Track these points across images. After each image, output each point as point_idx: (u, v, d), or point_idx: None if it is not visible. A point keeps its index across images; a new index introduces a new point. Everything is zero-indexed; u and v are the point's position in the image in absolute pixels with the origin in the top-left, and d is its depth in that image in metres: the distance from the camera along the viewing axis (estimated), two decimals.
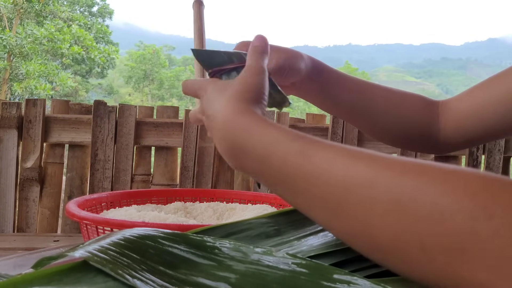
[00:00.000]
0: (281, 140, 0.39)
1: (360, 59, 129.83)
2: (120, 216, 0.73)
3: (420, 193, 0.30)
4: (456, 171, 0.30)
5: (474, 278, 0.27)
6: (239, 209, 0.82)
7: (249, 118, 0.42)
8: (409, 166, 0.32)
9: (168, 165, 1.26)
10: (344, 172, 0.33)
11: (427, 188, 0.30)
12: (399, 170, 0.31)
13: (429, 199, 0.29)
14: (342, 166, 0.34)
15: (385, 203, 0.31)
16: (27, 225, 1.17)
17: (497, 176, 0.29)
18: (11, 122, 1.16)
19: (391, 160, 0.33)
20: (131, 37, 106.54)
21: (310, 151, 0.36)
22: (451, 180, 0.29)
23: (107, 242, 0.34)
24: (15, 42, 11.14)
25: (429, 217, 0.29)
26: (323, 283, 0.31)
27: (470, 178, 0.29)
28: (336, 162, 0.34)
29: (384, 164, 0.33)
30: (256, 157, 0.40)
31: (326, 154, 0.35)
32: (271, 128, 0.40)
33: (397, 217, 0.30)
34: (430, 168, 0.31)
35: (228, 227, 0.45)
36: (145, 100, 23.00)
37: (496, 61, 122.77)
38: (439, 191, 0.29)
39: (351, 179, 0.33)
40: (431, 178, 0.30)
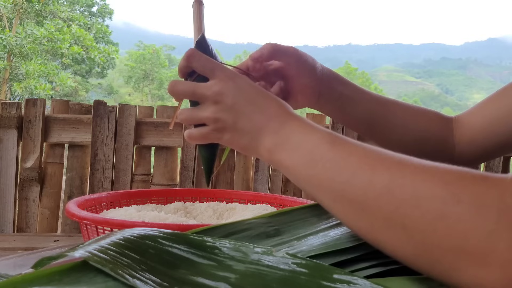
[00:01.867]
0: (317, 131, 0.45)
1: (360, 59, 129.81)
2: (120, 216, 0.73)
3: (405, 181, 0.35)
4: (437, 165, 0.35)
5: (444, 257, 0.31)
6: (239, 209, 0.82)
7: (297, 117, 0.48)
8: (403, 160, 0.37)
9: (168, 165, 1.26)
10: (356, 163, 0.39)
11: (411, 177, 0.35)
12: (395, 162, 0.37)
13: (410, 186, 0.34)
14: (356, 157, 0.40)
15: (379, 188, 0.36)
16: (27, 225, 1.17)
17: (471, 171, 0.33)
18: (11, 122, 1.16)
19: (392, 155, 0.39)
20: (131, 37, 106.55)
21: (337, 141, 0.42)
22: (430, 171, 0.35)
23: (107, 242, 0.34)
24: (15, 42, 11.14)
25: (410, 201, 0.34)
26: (323, 283, 0.31)
27: (447, 171, 0.34)
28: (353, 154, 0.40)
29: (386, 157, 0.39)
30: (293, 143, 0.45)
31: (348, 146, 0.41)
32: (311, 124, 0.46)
33: (386, 201, 0.35)
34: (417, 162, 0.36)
35: (228, 227, 0.45)
36: (145, 100, 23.00)
37: (496, 61, 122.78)
38: (419, 179, 0.34)
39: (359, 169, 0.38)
40: (416, 169, 0.35)
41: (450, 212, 0.31)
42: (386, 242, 0.36)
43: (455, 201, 0.31)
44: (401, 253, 0.35)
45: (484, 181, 0.32)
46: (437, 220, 0.32)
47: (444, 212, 0.31)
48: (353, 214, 0.38)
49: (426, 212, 0.32)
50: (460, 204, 0.31)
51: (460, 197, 0.31)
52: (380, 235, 0.36)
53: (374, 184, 0.37)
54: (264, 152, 0.48)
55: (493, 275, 0.29)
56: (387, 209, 0.35)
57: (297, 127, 0.46)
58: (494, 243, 0.29)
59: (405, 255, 0.35)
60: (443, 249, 0.31)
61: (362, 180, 0.38)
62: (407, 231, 0.34)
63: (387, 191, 0.35)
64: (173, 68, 25.91)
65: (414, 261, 0.34)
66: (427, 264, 0.33)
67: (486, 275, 0.29)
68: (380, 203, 0.36)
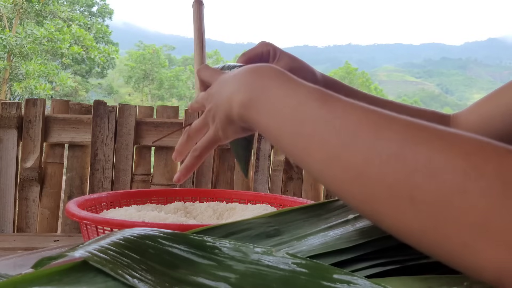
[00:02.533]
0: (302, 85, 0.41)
1: (360, 59, 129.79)
2: (120, 216, 0.73)
3: (418, 147, 0.31)
4: (455, 132, 0.31)
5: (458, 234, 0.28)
6: (239, 209, 0.82)
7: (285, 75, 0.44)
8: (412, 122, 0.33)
9: (168, 165, 1.26)
10: (357, 121, 0.35)
11: (425, 143, 0.31)
12: (404, 125, 0.33)
13: (425, 154, 0.30)
14: (355, 116, 0.35)
15: (384, 152, 0.32)
16: (27, 225, 1.17)
17: (493, 142, 0.30)
18: (11, 122, 1.16)
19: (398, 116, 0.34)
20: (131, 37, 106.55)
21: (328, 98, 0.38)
22: (448, 139, 0.31)
23: (107, 242, 0.34)
24: (15, 42, 11.14)
25: (423, 171, 0.30)
26: (323, 283, 0.31)
27: (467, 139, 0.30)
28: (350, 112, 0.36)
29: (391, 119, 0.34)
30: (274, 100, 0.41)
31: (342, 104, 0.37)
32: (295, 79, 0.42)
33: (394, 168, 0.31)
34: (432, 127, 0.32)
35: (228, 227, 0.45)
36: (145, 100, 23.01)
37: (496, 61, 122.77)
38: (436, 147, 0.30)
39: (359, 129, 0.34)
40: (431, 134, 0.31)
41: (471, 186, 0.28)
42: (387, 214, 0.32)
43: (478, 174, 0.28)
44: (404, 228, 0.31)
45: (509, 153, 0.29)
46: (455, 193, 0.28)
47: (465, 185, 0.28)
48: (348, 181, 0.34)
49: (443, 184, 0.29)
50: (483, 177, 0.28)
51: (483, 170, 0.28)
52: (380, 206, 0.32)
53: (380, 149, 0.32)
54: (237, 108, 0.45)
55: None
56: (394, 178, 0.31)
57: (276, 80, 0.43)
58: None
59: (408, 230, 0.31)
60: (459, 225, 0.28)
61: (364, 143, 0.33)
62: (415, 204, 0.30)
63: (396, 157, 0.31)
64: (173, 68, 25.92)
65: (419, 238, 0.31)
66: (435, 241, 0.30)
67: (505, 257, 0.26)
68: (385, 170, 0.32)
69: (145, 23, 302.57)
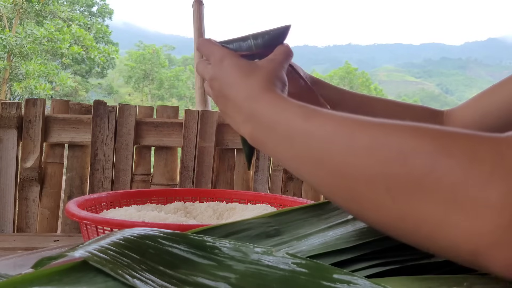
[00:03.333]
0: (289, 107, 0.44)
1: (360, 58, 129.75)
2: (120, 216, 0.73)
3: (389, 139, 0.33)
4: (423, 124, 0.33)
5: (432, 213, 0.29)
6: (239, 209, 0.82)
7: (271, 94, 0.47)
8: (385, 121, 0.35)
9: (168, 165, 1.26)
10: (333, 128, 0.38)
11: (395, 134, 0.33)
12: (376, 124, 0.35)
13: (396, 143, 0.32)
14: (332, 124, 0.38)
15: (360, 150, 0.34)
16: (27, 225, 1.17)
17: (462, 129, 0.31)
18: (11, 122, 1.16)
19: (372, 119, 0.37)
20: (131, 37, 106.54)
21: (311, 113, 0.41)
22: (416, 128, 0.33)
23: (107, 242, 0.34)
24: (14, 42, 11.14)
25: (395, 159, 0.32)
26: (323, 283, 0.31)
27: (436, 128, 0.32)
28: (329, 121, 0.39)
29: (365, 121, 0.37)
30: (267, 124, 0.45)
31: (322, 116, 0.40)
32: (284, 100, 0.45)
33: (369, 162, 0.33)
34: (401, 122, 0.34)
35: (228, 227, 0.45)
36: (145, 100, 23.00)
37: (496, 60, 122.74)
38: (405, 136, 0.32)
39: (336, 134, 0.37)
40: (400, 128, 0.33)
41: (439, 165, 0.29)
42: (369, 209, 0.34)
43: (446, 154, 0.29)
44: (386, 218, 0.33)
45: (476, 135, 0.30)
46: (425, 175, 0.30)
47: (433, 166, 0.30)
48: (333, 183, 0.37)
49: (413, 169, 0.30)
50: (451, 157, 0.29)
51: (451, 150, 0.29)
52: (362, 202, 0.34)
53: (353, 147, 0.35)
54: (249, 136, 0.49)
55: (486, 226, 0.27)
56: (369, 172, 0.33)
57: (269, 106, 0.45)
58: (488, 194, 0.27)
59: (389, 220, 0.33)
60: (431, 205, 0.29)
61: (340, 145, 0.36)
62: (391, 193, 0.32)
63: (368, 153, 0.34)
64: (173, 68, 25.92)
65: (399, 226, 0.32)
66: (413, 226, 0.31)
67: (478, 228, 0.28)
68: (361, 166, 0.34)
69: (145, 23, 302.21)
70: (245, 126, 0.48)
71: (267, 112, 0.45)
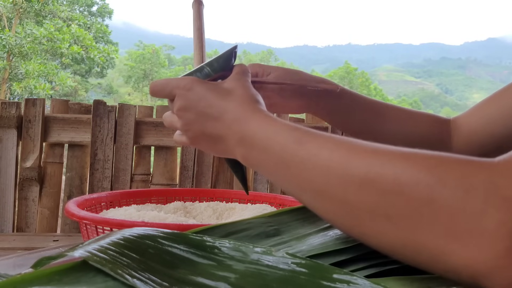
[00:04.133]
0: (282, 130, 0.43)
1: (359, 58, 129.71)
2: (120, 215, 0.73)
3: (385, 169, 0.34)
4: (417, 151, 0.34)
5: (431, 241, 0.31)
6: (239, 209, 0.82)
7: (260, 114, 0.46)
8: (380, 148, 0.36)
9: (168, 165, 1.26)
10: (328, 157, 0.38)
11: (391, 164, 0.34)
12: (370, 152, 0.36)
13: (392, 175, 0.33)
14: (327, 152, 0.38)
15: (357, 180, 0.35)
16: (26, 224, 1.17)
17: (455, 155, 0.32)
18: (11, 122, 1.16)
19: (366, 144, 0.37)
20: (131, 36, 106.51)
21: (303, 139, 0.41)
22: (411, 158, 0.33)
23: (107, 242, 0.34)
24: (14, 41, 11.14)
25: (392, 190, 0.33)
26: (323, 283, 0.31)
27: (430, 155, 0.33)
28: (323, 149, 0.39)
29: (360, 147, 0.37)
30: (261, 146, 0.44)
31: (316, 143, 0.40)
32: (277, 121, 0.45)
33: (367, 193, 0.34)
34: (395, 149, 0.35)
35: (227, 226, 0.45)
36: (145, 99, 22.99)
37: (496, 60, 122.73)
38: (401, 166, 0.33)
39: (332, 163, 0.37)
40: (394, 156, 0.34)
41: (436, 196, 0.30)
42: (372, 235, 0.35)
43: (441, 185, 0.31)
44: (388, 244, 0.34)
45: (469, 163, 0.31)
46: (423, 206, 0.31)
47: (430, 197, 0.31)
48: (335, 211, 0.37)
49: (411, 199, 0.32)
50: (446, 187, 0.30)
51: (445, 180, 0.31)
52: (365, 229, 0.35)
53: (351, 177, 0.35)
54: (242, 159, 0.48)
55: (483, 254, 0.29)
56: (369, 201, 0.34)
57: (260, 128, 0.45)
58: (483, 223, 0.29)
59: (391, 246, 0.34)
60: (431, 234, 0.31)
61: (337, 175, 0.36)
62: (392, 221, 0.32)
63: (366, 182, 0.34)
64: (172, 68, 25.91)
65: (401, 251, 0.33)
66: (414, 252, 0.32)
67: (475, 255, 0.29)
68: (361, 196, 0.34)
69: (145, 22, 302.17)
70: (237, 150, 0.47)
71: (259, 135, 0.44)
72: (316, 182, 0.38)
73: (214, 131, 0.49)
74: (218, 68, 0.54)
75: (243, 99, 0.48)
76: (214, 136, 0.49)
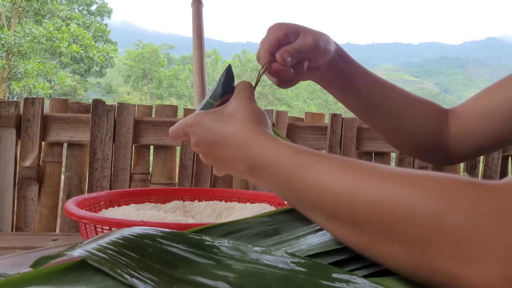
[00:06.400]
0: (284, 155, 0.44)
1: (359, 58, 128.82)
2: (119, 215, 0.73)
3: (394, 195, 0.34)
4: (424, 175, 0.35)
5: (444, 266, 0.31)
6: (238, 208, 0.82)
7: (263, 138, 0.47)
8: (386, 172, 0.36)
9: (167, 164, 1.26)
10: (334, 181, 0.38)
11: (400, 191, 0.34)
12: (377, 176, 0.36)
13: (401, 201, 0.34)
14: (333, 176, 0.39)
15: (367, 206, 0.35)
16: (25, 224, 1.17)
17: (463, 178, 0.33)
18: (10, 121, 1.15)
19: (372, 168, 0.38)
20: (130, 36, 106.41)
21: (308, 163, 0.41)
22: (420, 183, 0.34)
23: (106, 241, 0.34)
24: (13, 40, 11.12)
25: (402, 216, 0.33)
26: (322, 282, 0.31)
27: (438, 180, 0.33)
28: (328, 173, 0.39)
29: (366, 171, 0.37)
30: (268, 172, 0.45)
31: (321, 166, 0.40)
32: (279, 145, 0.45)
33: (378, 218, 0.35)
34: (403, 173, 0.36)
35: (227, 226, 0.45)
36: (144, 99, 22.97)
37: (495, 60, 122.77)
38: (410, 192, 0.34)
39: (339, 188, 0.38)
40: (403, 182, 0.35)
41: (446, 222, 0.31)
42: (385, 257, 0.36)
43: (450, 211, 0.31)
44: (402, 266, 0.35)
45: (477, 188, 0.32)
46: (433, 232, 0.32)
47: (440, 223, 0.31)
48: (346, 233, 0.38)
49: (422, 226, 0.32)
50: (456, 213, 0.31)
51: (454, 206, 0.31)
52: (377, 251, 0.36)
53: (360, 203, 0.36)
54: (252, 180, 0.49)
55: (494, 277, 0.29)
56: (381, 227, 0.35)
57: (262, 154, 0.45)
58: (493, 247, 0.29)
59: (405, 268, 0.35)
60: (442, 259, 0.31)
61: (346, 200, 0.37)
62: (404, 246, 0.33)
63: (377, 208, 0.35)
64: (172, 67, 25.89)
65: (415, 273, 0.34)
66: (428, 275, 0.33)
67: (486, 279, 0.30)
68: (372, 221, 0.35)
69: (144, 22, 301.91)
70: (247, 176, 0.49)
71: (264, 162, 0.45)
72: (325, 206, 0.39)
73: (224, 158, 0.51)
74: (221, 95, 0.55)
75: (244, 122, 0.49)
76: (226, 162, 0.51)
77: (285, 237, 0.44)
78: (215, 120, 0.51)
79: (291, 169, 0.42)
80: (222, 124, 0.50)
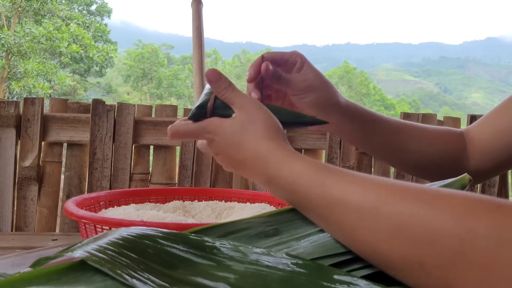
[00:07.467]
0: (305, 173, 0.44)
1: (358, 58, 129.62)
2: (119, 215, 0.73)
3: (415, 219, 0.34)
4: (447, 196, 0.35)
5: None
6: (238, 208, 0.82)
7: (281, 155, 0.47)
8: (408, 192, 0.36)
9: (167, 164, 1.26)
10: (356, 202, 0.38)
11: (420, 213, 0.34)
12: (399, 198, 0.36)
13: (422, 224, 0.34)
14: (354, 196, 0.39)
15: (388, 229, 0.35)
16: (25, 224, 1.17)
17: (483, 199, 0.33)
18: (9, 121, 1.15)
19: (393, 187, 0.38)
20: (130, 35, 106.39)
21: (328, 181, 0.41)
22: (440, 206, 0.34)
23: (106, 241, 0.34)
24: (13, 40, 11.12)
25: (424, 240, 0.33)
26: (323, 284, 0.31)
27: (458, 203, 0.33)
28: (349, 192, 0.39)
29: (388, 192, 0.37)
30: (287, 189, 0.45)
31: (341, 185, 0.40)
32: (298, 162, 0.45)
33: (399, 241, 0.35)
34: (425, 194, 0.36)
35: (226, 226, 0.45)
36: (144, 99, 22.97)
37: (495, 60, 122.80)
38: (430, 216, 0.34)
39: (361, 208, 0.38)
40: (425, 204, 0.35)
41: (468, 247, 0.31)
42: (406, 278, 0.35)
43: (472, 236, 0.31)
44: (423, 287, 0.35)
45: (498, 210, 0.31)
46: (456, 256, 0.31)
47: (462, 248, 0.31)
48: (366, 252, 0.38)
49: (443, 250, 0.32)
50: (478, 238, 0.31)
51: (476, 231, 0.31)
52: (399, 273, 0.36)
53: (381, 225, 0.36)
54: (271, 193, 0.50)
55: None
56: (401, 249, 0.34)
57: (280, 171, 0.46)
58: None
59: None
60: (464, 282, 0.31)
61: (367, 221, 0.37)
62: (425, 268, 0.33)
63: (397, 231, 0.35)
64: (171, 67, 25.90)
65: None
66: None
67: None
68: (392, 244, 0.35)
69: (144, 22, 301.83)
70: (267, 189, 0.49)
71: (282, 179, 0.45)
72: (345, 226, 0.39)
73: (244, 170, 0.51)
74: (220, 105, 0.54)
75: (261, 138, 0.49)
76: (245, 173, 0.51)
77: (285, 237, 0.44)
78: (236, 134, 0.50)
79: (311, 188, 0.42)
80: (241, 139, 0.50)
